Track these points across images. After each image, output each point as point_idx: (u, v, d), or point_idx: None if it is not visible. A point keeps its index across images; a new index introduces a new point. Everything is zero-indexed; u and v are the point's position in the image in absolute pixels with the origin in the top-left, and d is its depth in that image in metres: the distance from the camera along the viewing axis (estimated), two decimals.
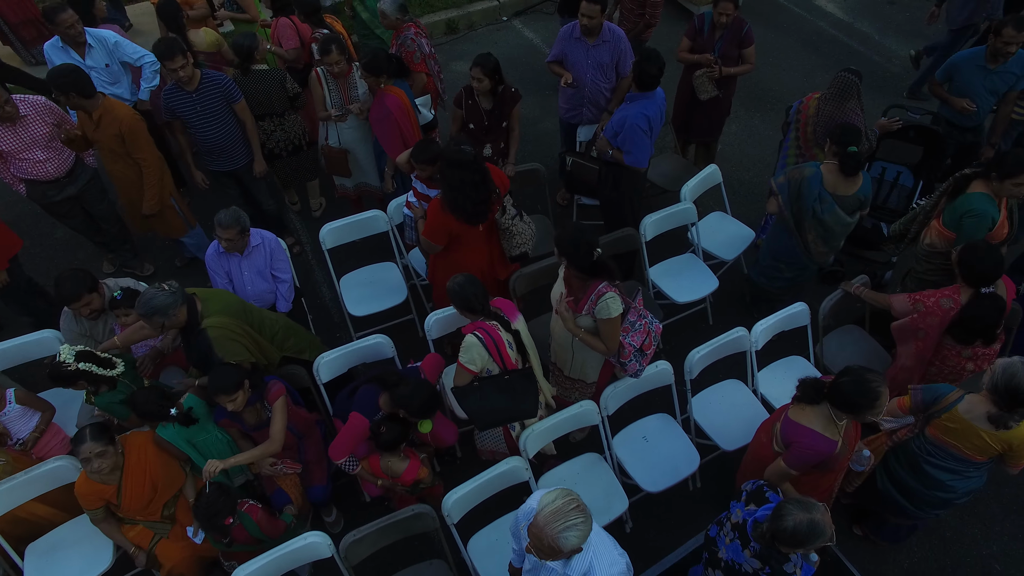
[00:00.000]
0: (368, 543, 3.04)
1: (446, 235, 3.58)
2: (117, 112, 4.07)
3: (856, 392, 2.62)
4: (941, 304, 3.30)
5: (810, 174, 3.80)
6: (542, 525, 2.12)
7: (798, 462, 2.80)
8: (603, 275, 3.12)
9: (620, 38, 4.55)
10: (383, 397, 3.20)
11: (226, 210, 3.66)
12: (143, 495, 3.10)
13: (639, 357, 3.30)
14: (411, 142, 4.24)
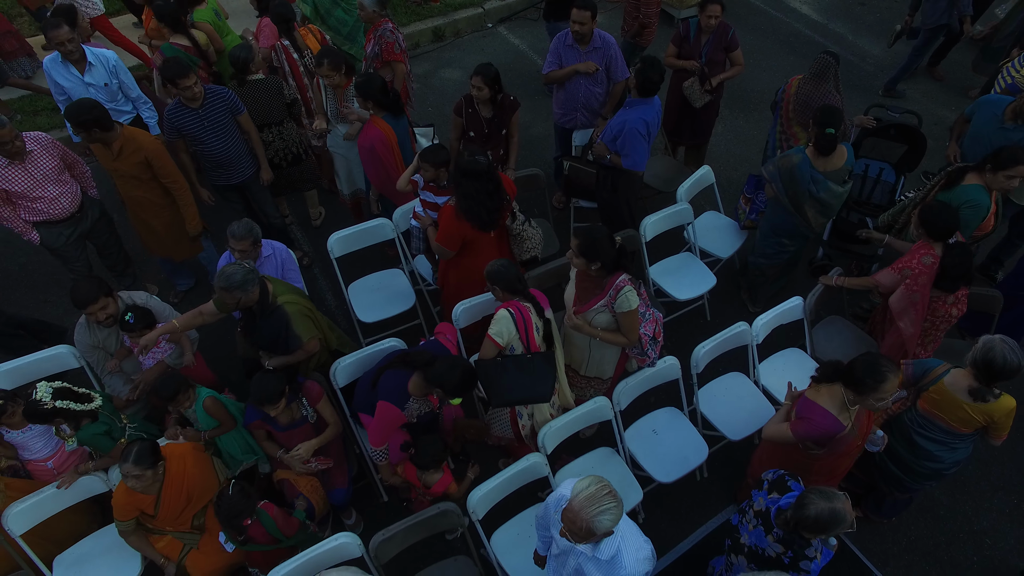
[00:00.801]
0: (396, 542, 3.13)
1: (460, 241, 3.68)
2: (140, 140, 4.05)
3: (866, 372, 2.79)
4: (924, 262, 3.57)
5: (799, 160, 4.01)
6: (577, 509, 2.24)
7: (802, 433, 2.98)
8: (625, 265, 3.25)
9: (610, 44, 4.70)
10: (413, 380, 3.17)
11: (239, 221, 3.72)
12: (178, 505, 3.16)
13: (653, 345, 3.46)
14: (393, 175, 4.29)
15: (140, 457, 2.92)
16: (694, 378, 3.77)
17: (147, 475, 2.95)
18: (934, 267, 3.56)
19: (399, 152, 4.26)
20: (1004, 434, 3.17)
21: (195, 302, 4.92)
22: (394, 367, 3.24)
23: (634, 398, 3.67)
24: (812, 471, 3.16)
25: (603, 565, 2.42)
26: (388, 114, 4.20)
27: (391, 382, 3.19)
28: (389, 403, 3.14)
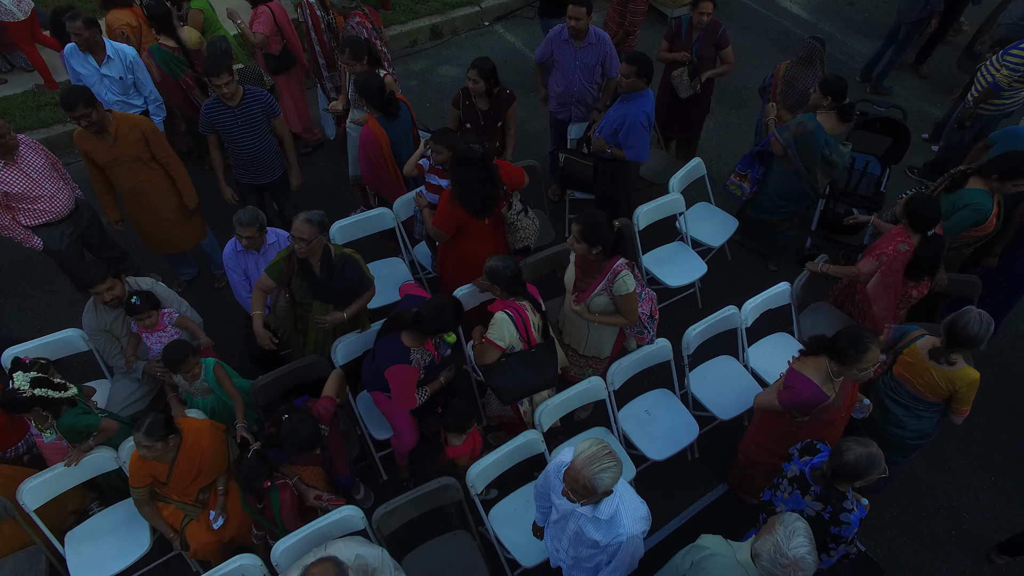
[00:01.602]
0: (398, 515, 3.25)
1: (454, 225, 3.82)
2: (132, 119, 4.17)
3: (848, 343, 2.94)
4: (899, 249, 3.76)
5: (813, 127, 4.30)
6: (579, 468, 2.37)
7: (787, 400, 3.15)
8: (623, 249, 3.39)
9: (605, 41, 4.84)
10: (405, 335, 3.31)
11: (244, 209, 3.82)
12: (188, 476, 3.28)
13: (651, 323, 3.60)
14: (383, 175, 4.44)
15: (152, 428, 3.03)
16: (685, 360, 3.91)
17: (157, 446, 3.05)
18: (908, 255, 3.74)
19: (390, 154, 4.36)
20: (965, 408, 3.33)
21: (199, 293, 5.08)
22: (385, 335, 3.38)
23: (628, 378, 3.80)
24: (798, 441, 3.30)
25: (602, 525, 2.55)
26: (382, 116, 4.31)
27: (389, 348, 3.32)
28: (397, 364, 3.27)
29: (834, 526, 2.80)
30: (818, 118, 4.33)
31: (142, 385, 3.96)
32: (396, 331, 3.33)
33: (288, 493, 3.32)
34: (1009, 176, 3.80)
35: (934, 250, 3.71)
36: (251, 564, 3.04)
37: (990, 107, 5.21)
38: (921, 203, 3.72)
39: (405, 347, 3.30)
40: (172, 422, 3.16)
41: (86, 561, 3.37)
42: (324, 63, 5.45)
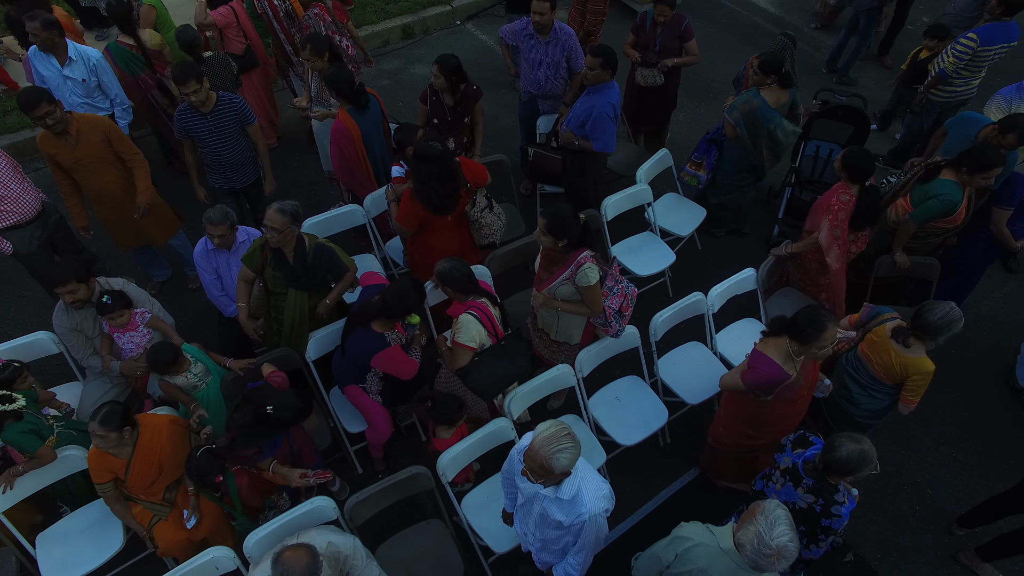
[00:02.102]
0: (370, 504, 3.28)
1: (416, 221, 3.87)
2: (92, 119, 4.15)
3: (807, 322, 3.02)
4: (842, 199, 4.02)
5: (759, 104, 4.60)
6: (537, 448, 2.42)
7: (750, 380, 3.22)
8: (588, 242, 3.44)
9: (569, 35, 4.91)
10: (377, 323, 3.35)
11: (214, 208, 3.83)
12: (149, 475, 3.25)
13: (619, 318, 3.64)
14: (355, 169, 4.48)
15: (106, 419, 3.02)
16: (653, 345, 3.98)
17: (111, 437, 3.03)
18: (850, 204, 4.01)
19: (361, 146, 4.39)
20: (913, 399, 3.42)
21: (172, 294, 5.07)
22: (354, 329, 3.40)
23: (596, 365, 3.86)
24: (763, 419, 3.38)
25: (565, 505, 2.60)
26: (353, 107, 4.34)
27: (364, 340, 3.35)
28: (379, 352, 3.31)
29: (825, 518, 2.85)
30: (762, 94, 4.60)
31: (114, 386, 3.96)
32: (365, 323, 3.36)
33: (245, 478, 3.33)
34: (979, 169, 3.89)
35: (872, 199, 4.03)
36: (224, 556, 3.07)
37: (942, 94, 5.34)
38: (856, 156, 4.00)
39: (378, 333, 3.34)
40: (129, 414, 3.15)
41: (58, 561, 3.37)
42: (290, 50, 5.54)
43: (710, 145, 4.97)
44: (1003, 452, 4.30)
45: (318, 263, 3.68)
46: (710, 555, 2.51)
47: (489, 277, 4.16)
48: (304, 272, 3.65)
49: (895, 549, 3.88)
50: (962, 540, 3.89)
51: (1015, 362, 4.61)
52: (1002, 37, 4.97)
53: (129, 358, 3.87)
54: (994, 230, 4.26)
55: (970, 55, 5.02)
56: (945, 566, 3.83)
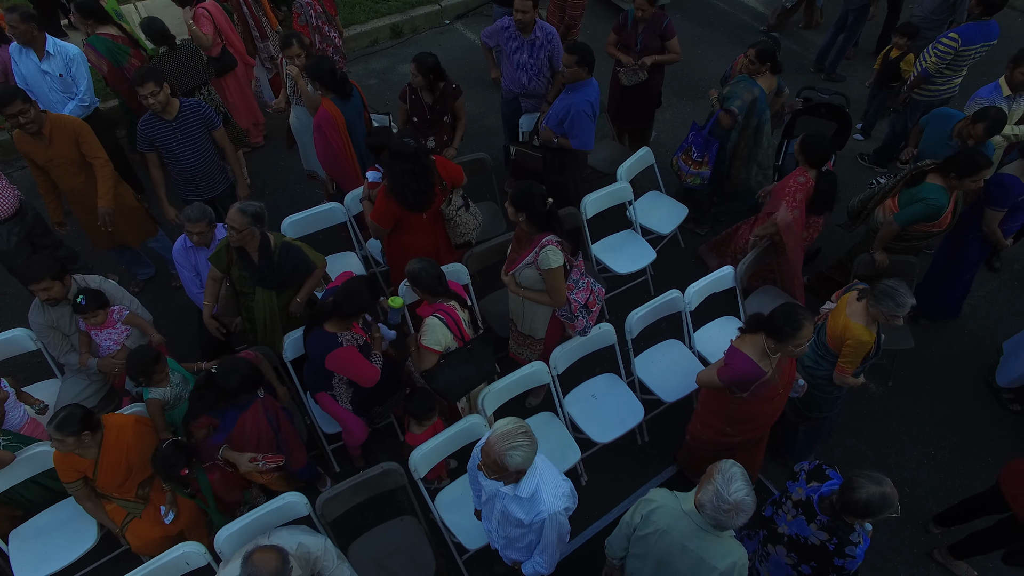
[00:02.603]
0: (342, 500, 3.28)
1: (391, 219, 3.87)
2: (64, 120, 4.13)
3: (783, 319, 3.00)
4: (799, 180, 4.20)
5: (759, 93, 4.68)
6: (492, 443, 2.42)
7: (726, 377, 3.22)
8: (554, 227, 3.44)
9: (552, 34, 4.91)
10: (329, 324, 3.30)
11: (192, 205, 3.84)
12: (118, 474, 3.23)
13: (585, 313, 3.64)
14: (340, 157, 4.47)
15: (63, 423, 2.98)
16: (629, 343, 3.97)
17: (68, 441, 3.00)
18: (807, 186, 4.18)
19: (347, 134, 4.41)
20: (845, 366, 3.45)
21: (156, 292, 5.08)
22: (310, 331, 3.38)
23: (572, 362, 3.86)
24: (739, 416, 3.37)
25: (524, 503, 2.60)
26: (336, 96, 4.35)
27: (317, 341, 3.32)
28: (331, 352, 3.26)
29: (838, 557, 2.74)
30: (760, 83, 4.68)
31: (92, 383, 3.97)
32: (319, 323, 3.33)
33: (217, 473, 3.33)
34: (966, 173, 3.89)
35: (829, 184, 4.21)
36: (195, 552, 3.06)
37: (925, 93, 5.35)
38: (813, 140, 4.15)
39: (330, 333, 3.30)
40: (90, 417, 3.09)
41: (31, 558, 3.36)
42: (257, 35, 5.59)
43: (709, 140, 4.93)
44: (981, 451, 4.29)
45: (284, 262, 3.67)
46: (672, 515, 2.56)
47: (467, 275, 4.17)
48: (269, 271, 3.65)
49: (872, 547, 3.83)
50: (938, 538, 3.89)
51: (997, 361, 4.61)
52: (983, 36, 4.99)
53: (107, 355, 3.88)
54: (986, 230, 4.27)
55: (952, 54, 5.03)
56: (921, 564, 3.83)
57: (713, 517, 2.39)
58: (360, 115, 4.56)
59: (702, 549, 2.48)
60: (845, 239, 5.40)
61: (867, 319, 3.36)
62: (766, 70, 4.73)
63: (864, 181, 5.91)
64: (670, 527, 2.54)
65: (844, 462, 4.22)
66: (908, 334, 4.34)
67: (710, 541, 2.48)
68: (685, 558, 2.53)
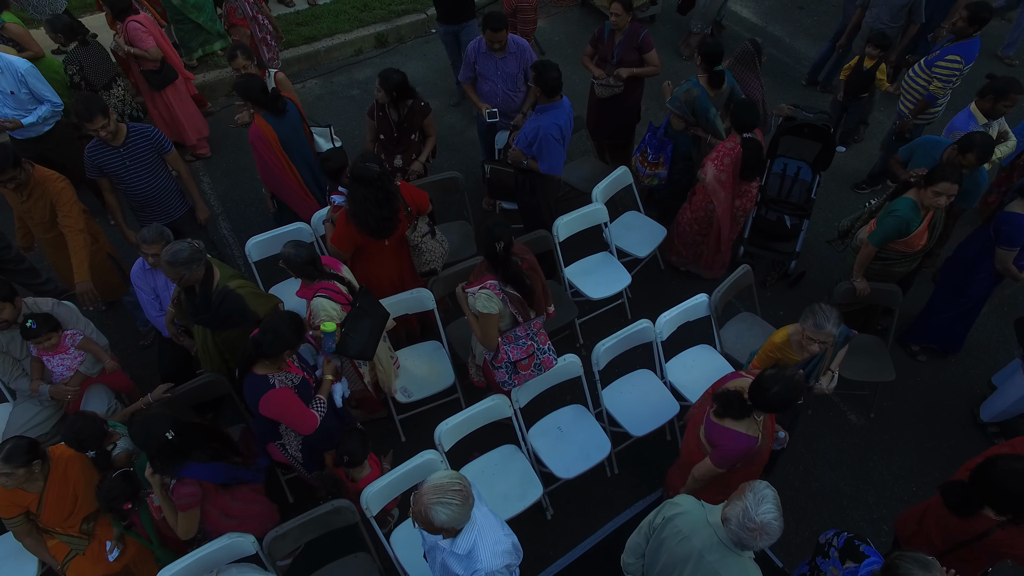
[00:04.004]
0: (291, 539, 3.17)
1: (351, 244, 3.75)
2: (46, 184, 3.95)
3: (788, 395, 2.76)
4: (727, 145, 4.43)
5: (698, 92, 4.72)
6: (422, 493, 2.30)
7: (725, 462, 2.96)
8: (501, 270, 3.31)
9: (524, 48, 4.80)
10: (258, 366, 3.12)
11: (149, 227, 3.72)
12: (63, 508, 3.12)
13: (510, 370, 3.50)
14: (279, 173, 4.36)
15: (10, 456, 2.88)
16: (596, 375, 3.84)
17: (19, 473, 2.91)
18: (735, 151, 4.39)
19: (281, 151, 4.28)
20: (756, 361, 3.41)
21: (121, 312, 4.95)
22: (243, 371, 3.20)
23: (533, 396, 3.74)
24: (732, 483, 3.15)
25: (462, 559, 2.46)
26: (268, 113, 4.23)
27: (249, 387, 3.15)
28: (268, 393, 3.08)
29: None
30: (701, 83, 4.72)
31: (45, 408, 3.86)
32: (248, 369, 3.15)
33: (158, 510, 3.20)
34: (930, 182, 3.75)
35: (753, 149, 4.39)
36: None
37: (926, 116, 5.25)
38: (741, 105, 4.44)
39: (260, 376, 3.11)
40: (37, 447, 3.00)
41: None
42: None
43: (664, 141, 4.96)
44: None
45: (219, 306, 3.47)
46: (696, 524, 2.52)
47: (432, 300, 4.05)
48: (205, 310, 3.48)
49: None
50: None
51: (986, 395, 4.45)
52: (975, 53, 4.88)
53: (59, 382, 3.78)
54: (1000, 268, 4.13)
55: (958, 76, 4.93)
56: None
57: (736, 534, 2.34)
58: (297, 130, 4.42)
59: (720, 564, 2.43)
60: (831, 263, 5.27)
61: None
62: (698, 64, 4.80)
63: (858, 204, 5.76)
64: (692, 534, 2.51)
65: (821, 497, 4.07)
66: (889, 366, 4.19)
67: (730, 558, 2.42)
68: (699, 569, 2.48)
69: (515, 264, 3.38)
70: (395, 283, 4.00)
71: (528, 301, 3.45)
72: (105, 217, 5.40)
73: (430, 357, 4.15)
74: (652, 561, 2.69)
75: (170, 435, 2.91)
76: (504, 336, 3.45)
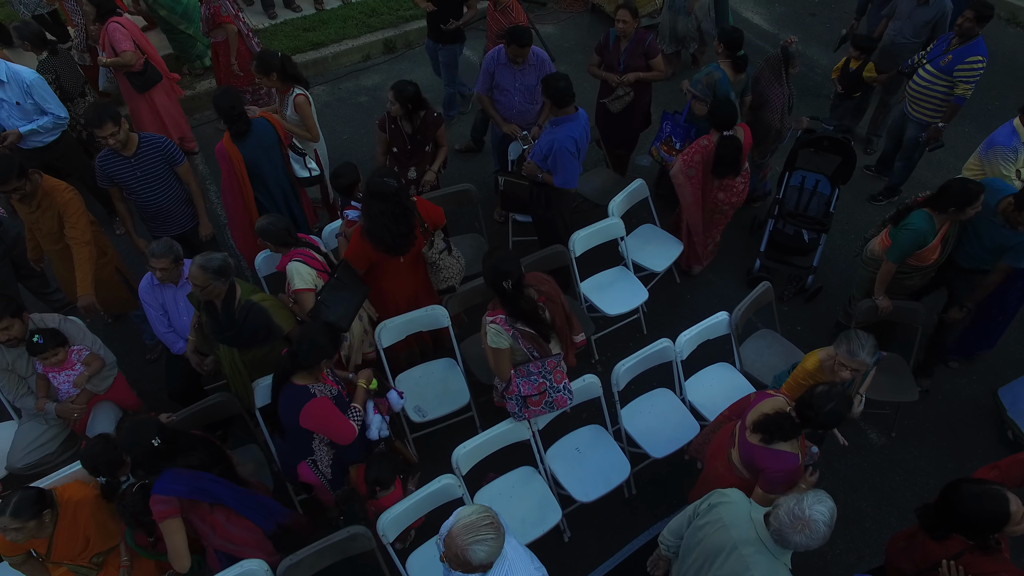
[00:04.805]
0: (305, 567, 3.09)
1: (366, 261, 3.67)
2: (55, 195, 3.89)
3: (843, 411, 2.77)
4: (700, 143, 4.44)
5: (720, 76, 4.75)
6: (454, 536, 2.21)
7: (777, 486, 2.84)
8: (509, 308, 3.24)
9: (544, 60, 4.73)
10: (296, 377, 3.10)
11: (158, 241, 3.66)
12: (74, 549, 3.00)
13: (521, 404, 3.41)
14: (230, 194, 4.30)
15: (19, 508, 2.72)
16: (615, 396, 3.76)
17: (29, 526, 2.76)
18: (708, 148, 4.40)
19: (242, 171, 4.20)
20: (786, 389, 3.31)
21: (128, 326, 4.86)
22: (279, 384, 3.17)
23: (550, 420, 3.66)
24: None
25: None
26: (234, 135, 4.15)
27: (288, 398, 3.10)
28: (310, 403, 3.03)
29: None
30: (723, 67, 4.74)
31: (51, 427, 3.77)
32: (285, 381, 3.12)
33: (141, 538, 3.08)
34: (966, 203, 3.65)
35: (727, 146, 4.36)
36: None
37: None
38: (720, 103, 4.48)
39: (300, 386, 3.07)
40: (44, 496, 2.85)
41: None
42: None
43: (690, 127, 4.95)
44: None
45: (244, 322, 3.42)
46: (738, 515, 2.50)
47: (447, 318, 3.96)
48: (229, 328, 3.42)
49: None
50: None
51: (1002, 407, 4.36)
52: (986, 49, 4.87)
53: (66, 399, 3.70)
54: None
55: (981, 75, 4.87)
56: None
57: (780, 521, 2.32)
58: (269, 152, 4.28)
59: (752, 559, 2.40)
60: (849, 277, 5.18)
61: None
62: (721, 52, 4.81)
63: (875, 216, 5.70)
64: (732, 524, 2.48)
65: (842, 518, 3.90)
66: (911, 386, 4.12)
67: (763, 555, 2.39)
68: (731, 559, 2.45)
69: (528, 300, 3.28)
70: (410, 300, 3.92)
71: (545, 336, 3.35)
72: (111, 227, 5.34)
73: (444, 375, 4.06)
74: (689, 546, 2.68)
75: (156, 442, 2.84)
76: (517, 369, 3.37)
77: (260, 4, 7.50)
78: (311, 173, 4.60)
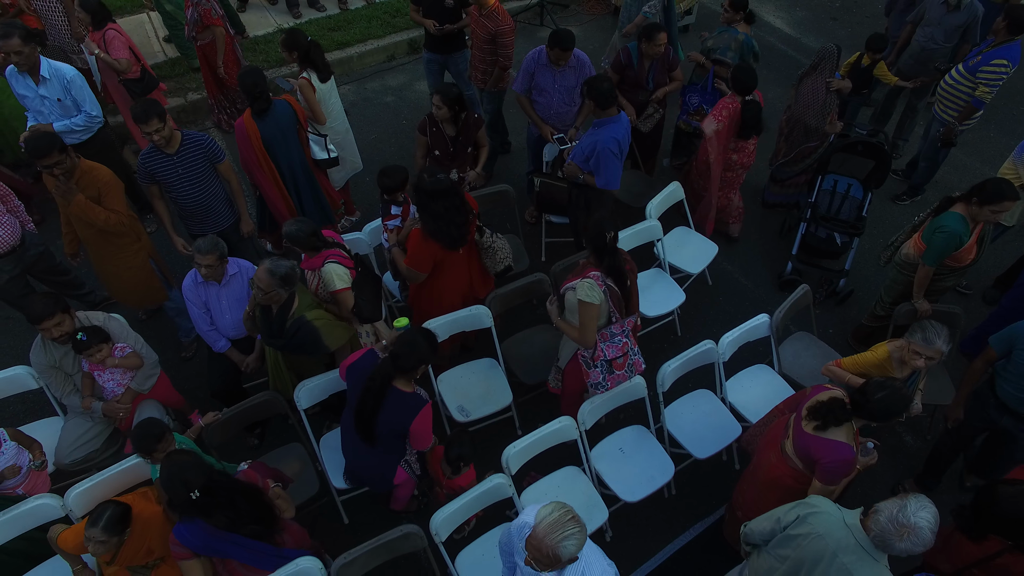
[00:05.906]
0: (359, 565, 3.11)
1: (430, 263, 3.70)
2: (94, 173, 3.90)
3: (895, 407, 2.78)
4: (727, 101, 4.69)
5: (743, 37, 5.18)
6: (541, 536, 2.23)
7: (836, 477, 2.84)
8: (607, 261, 3.28)
9: (584, 63, 4.74)
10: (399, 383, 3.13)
11: (204, 237, 3.67)
12: (137, 558, 3.02)
13: (606, 370, 3.45)
14: (255, 171, 4.38)
15: (110, 524, 2.77)
16: (660, 396, 3.78)
17: (112, 542, 2.80)
18: (733, 107, 4.66)
19: (260, 148, 4.31)
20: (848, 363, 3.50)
21: (165, 321, 4.87)
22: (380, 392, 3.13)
23: (598, 418, 3.69)
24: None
25: None
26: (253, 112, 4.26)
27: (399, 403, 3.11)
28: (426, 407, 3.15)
29: None
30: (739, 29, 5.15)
31: (96, 424, 3.79)
32: (388, 386, 3.11)
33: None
34: (988, 201, 3.69)
35: (751, 110, 4.66)
36: None
37: (970, 121, 5.20)
38: (741, 69, 4.69)
39: (410, 392, 3.13)
40: (128, 515, 2.88)
41: None
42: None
43: (715, 93, 5.18)
44: None
45: (292, 335, 3.44)
46: (832, 523, 2.49)
47: (490, 318, 3.98)
48: (279, 335, 3.45)
49: None
50: None
51: None
52: (1019, 55, 4.89)
53: (112, 399, 3.72)
54: None
55: (1005, 80, 4.89)
56: None
57: (882, 527, 2.33)
58: (287, 133, 4.36)
59: (854, 566, 2.41)
60: (876, 281, 5.21)
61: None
62: (740, 19, 5.15)
63: (899, 216, 5.74)
64: (827, 533, 2.48)
65: None
66: (949, 387, 4.14)
67: (865, 561, 2.40)
68: (831, 568, 2.46)
69: (620, 258, 3.35)
70: (465, 292, 3.99)
71: (626, 298, 3.41)
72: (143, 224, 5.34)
73: (486, 375, 4.08)
74: (778, 567, 2.67)
75: (195, 495, 2.74)
76: (600, 334, 3.38)
77: (284, 3, 7.52)
78: (330, 154, 4.65)
